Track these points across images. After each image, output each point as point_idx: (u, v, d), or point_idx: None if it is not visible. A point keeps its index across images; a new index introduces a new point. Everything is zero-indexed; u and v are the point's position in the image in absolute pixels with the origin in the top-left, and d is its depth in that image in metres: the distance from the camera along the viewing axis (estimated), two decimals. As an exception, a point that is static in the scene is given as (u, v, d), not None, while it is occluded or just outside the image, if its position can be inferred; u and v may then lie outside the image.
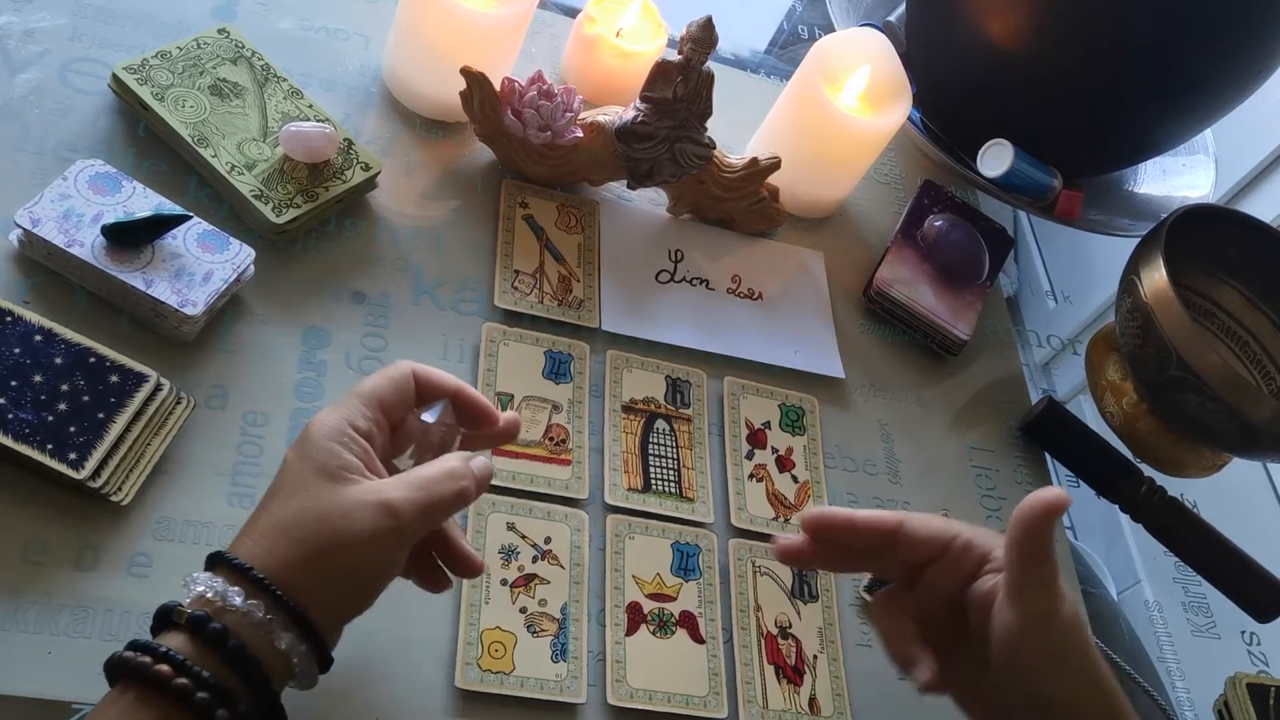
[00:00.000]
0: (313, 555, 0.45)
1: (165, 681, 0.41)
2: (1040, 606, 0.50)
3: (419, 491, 0.47)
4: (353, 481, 0.46)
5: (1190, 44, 0.81)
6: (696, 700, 0.62)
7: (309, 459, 0.47)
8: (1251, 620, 0.78)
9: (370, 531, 0.45)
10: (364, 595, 0.48)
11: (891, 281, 0.83)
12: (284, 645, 0.44)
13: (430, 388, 0.52)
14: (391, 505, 0.46)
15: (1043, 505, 0.48)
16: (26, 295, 0.60)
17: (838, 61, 0.82)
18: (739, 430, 0.74)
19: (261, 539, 0.45)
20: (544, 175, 0.78)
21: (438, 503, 0.48)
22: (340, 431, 0.47)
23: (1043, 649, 0.50)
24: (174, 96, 0.68)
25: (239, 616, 0.43)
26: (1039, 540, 0.49)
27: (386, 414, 0.50)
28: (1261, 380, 0.85)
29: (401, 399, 0.51)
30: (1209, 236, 0.83)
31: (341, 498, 0.46)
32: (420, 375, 0.52)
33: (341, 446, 0.47)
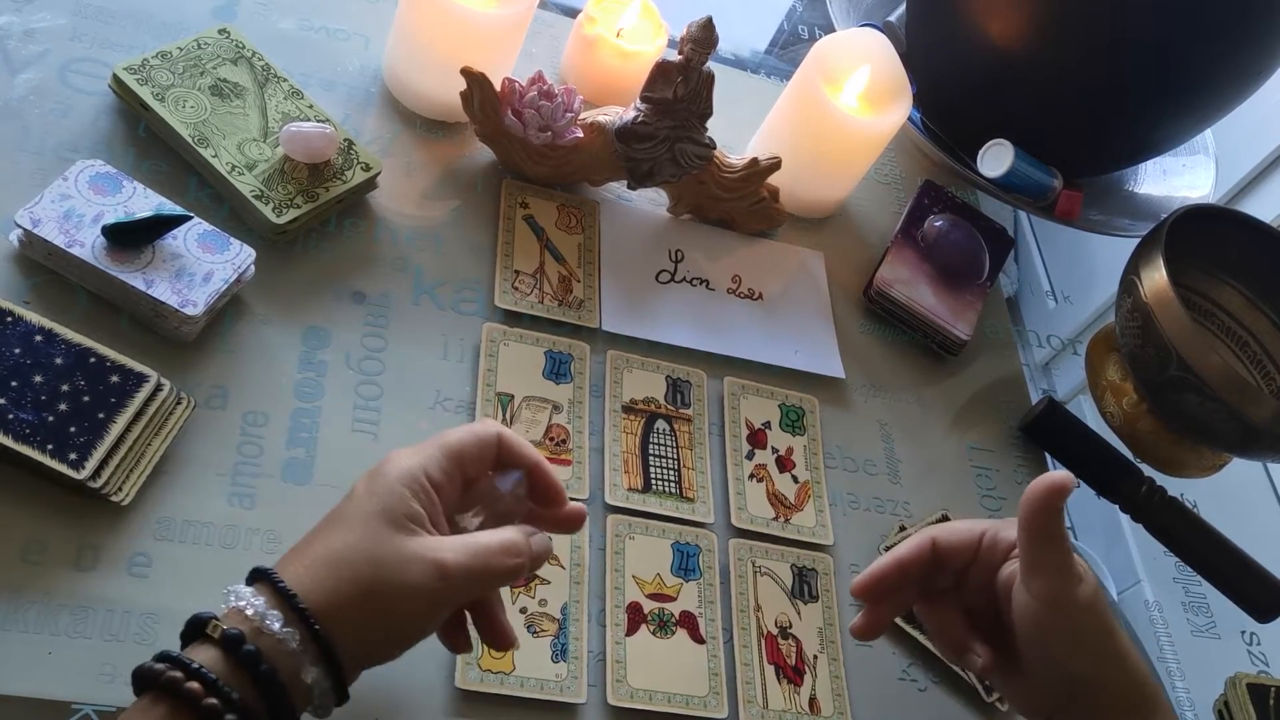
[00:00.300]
0: (357, 596, 0.45)
1: (196, 699, 0.41)
2: (1054, 587, 0.51)
3: (474, 559, 0.47)
4: (413, 533, 0.46)
5: (1190, 44, 0.81)
6: (696, 700, 0.62)
7: (376, 497, 0.47)
8: (1251, 620, 0.78)
9: (419, 587, 0.45)
10: (396, 645, 0.48)
11: (891, 281, 0.83)
12: (310, 679, 0.44)
13: (511, 455, 0.52)
14: (445, 566, 0.46)
15: (1047, 487, 0.50)
16: (27, 295, 0.60)
17: (838, 61, 0.82)
18: (739, 430, 0.74)
19: (311, 567, 0.45)
20: (544, 175, 0.78)
21: (490, 573, 0.48)
22: (414, 479, 0.47)
23: (1061, 630, 0.51)
24: (174, 97, 0.68)
25: (273, 641, 0.43)
26: (1047, 522, 0.50)
27: (462, 470, 0.50)
28: (1261, 380, 0.85)
29: (481, 458, 0.50)
30: (1209, 236, 0.83)
31: (400, 546, 0.46)
32: (505, 441, 0.51)
33: (412, 494, 0.47)
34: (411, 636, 0.48)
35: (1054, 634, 0.51)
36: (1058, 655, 0.52)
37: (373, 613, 0.45)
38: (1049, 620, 0.51)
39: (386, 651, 0.48)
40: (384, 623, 0.46)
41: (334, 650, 0.44)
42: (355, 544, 0.46)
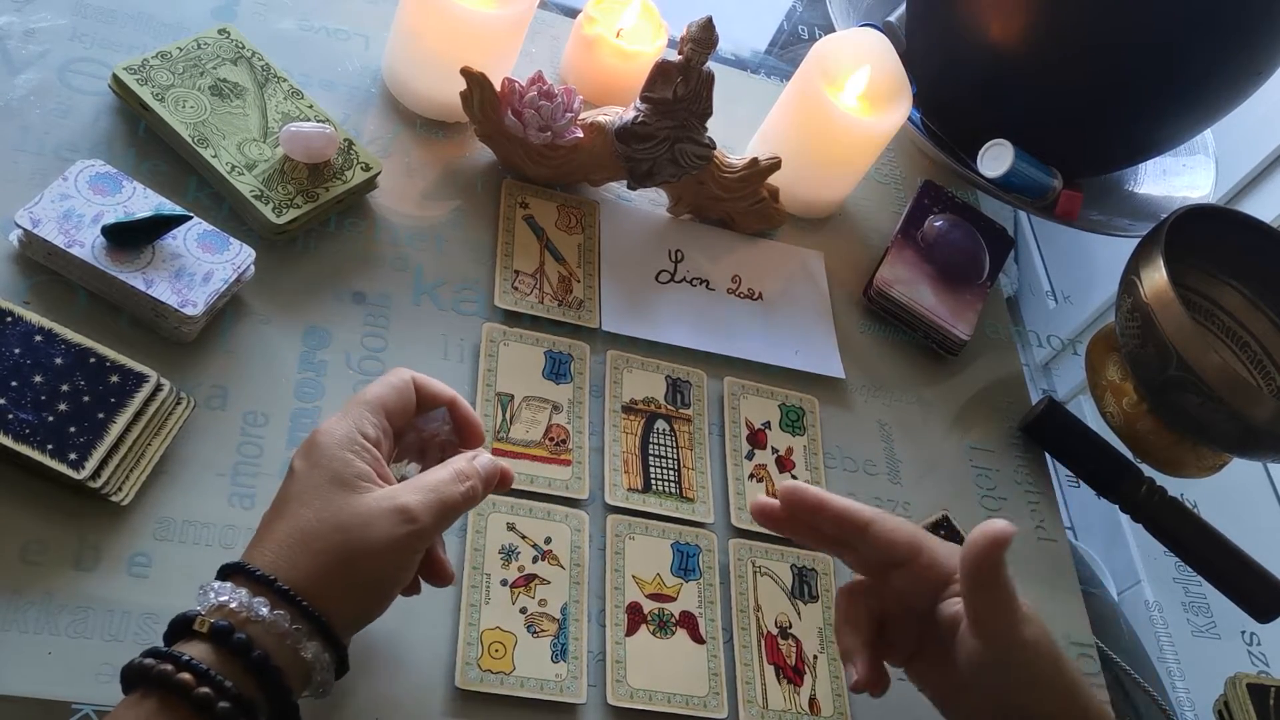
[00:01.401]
0: (334, 565, 0.45)
1: (188, 690, 0.41)
2: (1002, 634, 0.51)
3: (432, 495, 0.48)
4: (367, 490, 0.47)
5: (1190, 44, 0.81)
6: (696, 700, 0.62)
7: (321, 468, 0.47)
8: (1251, 620, 0.79)
9: (390, 538, 0.46)
10: (383, 600, 0.48)
11: (891, 281, 0.83)
12: (309, 655, 0.44)
13: (428, 396, 0.53)
14: (408, 510, 0.47)
15: (988, 540, 0.49)
16: (26, 295, 0.60)
17: (838, 61, 0.82)
18: (739, 430, 0.74)
19: (281, 550, 0.46)
20: (544, 175, 0.78)
21: (450, 504, 0.49)
22: (351, 440, 0.48)
23: (1011, 672, 0.51)
24: (174, 97, 0.68)
25: (264, 627, 0.43)
26: (990, 572, 0.50)
27: (390, 420, 0.51)
28: (1261, 380, 0.85)
29: (403, 406, 0.51)
30: (1209, 236, 0.83)
31: (359, 506, 0.46)
32: (419, 383, 0.52)
33: (354, 455, 0.48)
34: (395, 587, 0.48)
35: (1004, 675, 0.51)
36: (1008, 694, 0.51)
37: (353, 576, 0.46)
38: (998, 663, 0.51)
39: (375, 608, 0.48)
40: (366, 582, 0.47)
41: (327, 622, 0.45)
42: (317, 516, 0.46)
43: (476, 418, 0.55)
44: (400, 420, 0.52)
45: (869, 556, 0.56)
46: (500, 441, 0.66)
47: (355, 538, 0.46)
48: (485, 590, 0.61)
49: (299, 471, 0.48)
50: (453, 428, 0.55)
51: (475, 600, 0.60)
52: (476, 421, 0.55)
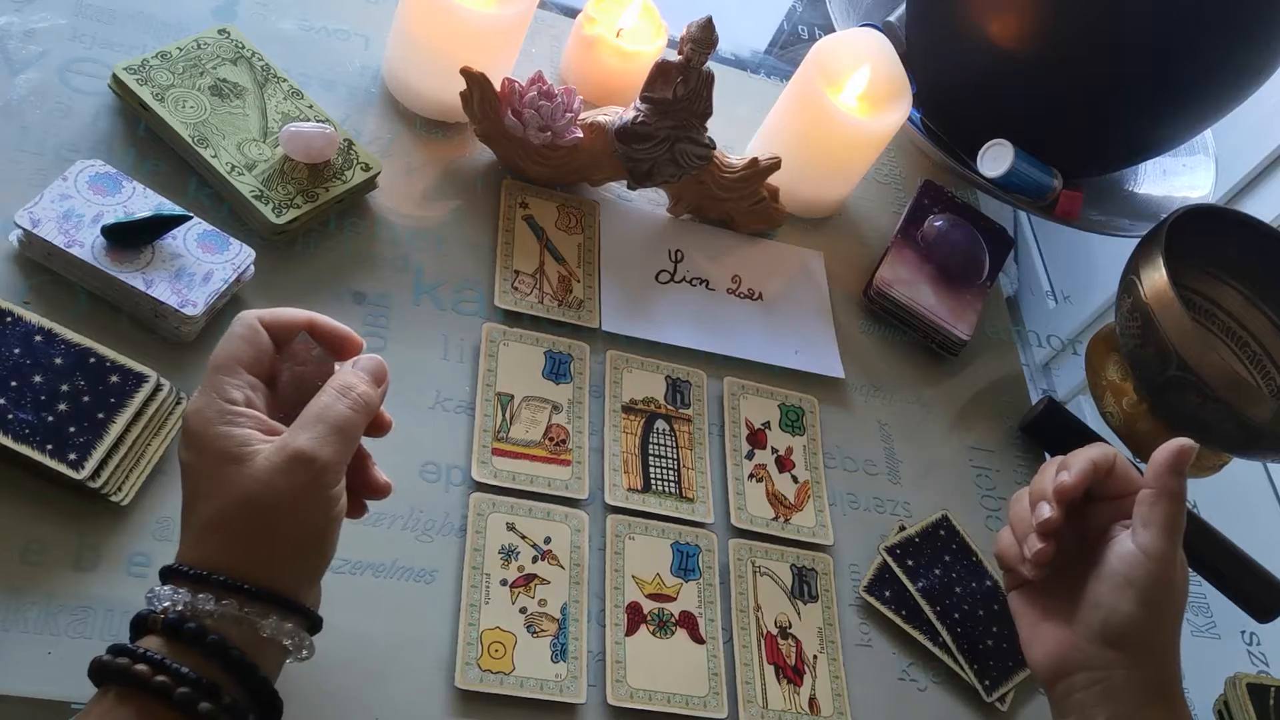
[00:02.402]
0: (257, 539, 0.45)
1: (145, 680, 0.42)
2: (1163, 545, 0.54)
3: (320, 424, 0.46)
4: (256, 452, 0.45)
5: (1190, 44, 0.81)
6: (696, 700, 0.62)
7: (206, 452, 0.45)
8: (1251, 620, 0.78)
9: (297, 487, 0.45)
10: (323, 545, 0.47)
11: (891, 281, 0.83)
12: (268, 633, 0.44)
13: (282, 329, 0.50)
14: (303, 453, 0.45)
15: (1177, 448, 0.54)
16: (26, 295, 0.60)
17: (838, 62, 0.82)
18: (739, 430, 0.74)
19: (201, 542, 0.45)
20: (544, 175, 0.78)
21: (343, 425, 0.47)
22: (220, 412, 0.46)
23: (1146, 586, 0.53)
24: (174, 97, 0.68)
25: (216, 619, 0.43)
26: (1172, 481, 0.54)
27: (252, 372, 0.48)
28: (1261, 380, 0.85)
29: (258, 352, 0.49)
30: (1209, 236, 0.83)
31: (256, 472, 0.44)
32: (267, 321, 0.49)
33: (230, 425, 0.46)
34: (328, 529, 0.47)
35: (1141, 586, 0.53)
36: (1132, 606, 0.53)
37: (282, 540, 0.45)
38: (1144, 572, 0.53)
39: (319, 556, 0.47)
40: (295, 537, 0.46)
41: (275, 592, 0.44)
42: (222, 500, 0.45)
43: (341, 326, 0.51)
44: (262, 367, 0.49)
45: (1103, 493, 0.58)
46: (500, 441, 0.66)
47: (266, 504, 0.44)
48: (485, 590, 0.61)
49: (187, 463, 0.46)
50: (319, 349, 0.51)
51: (475, 600, 0.60)
52: (342, 330, 0.51)
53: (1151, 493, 0.55)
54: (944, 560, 0.73)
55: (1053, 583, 0.58)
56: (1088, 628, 0.55)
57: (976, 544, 0.75)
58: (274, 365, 0.50)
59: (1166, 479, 0.54)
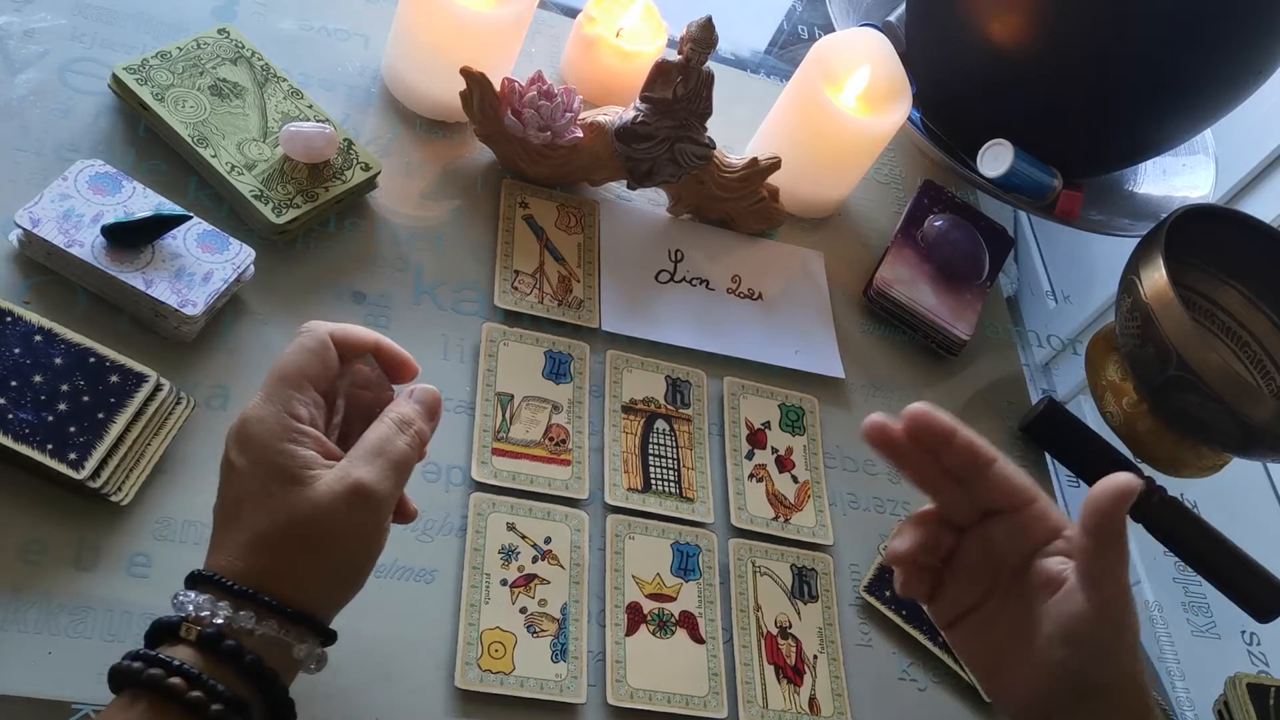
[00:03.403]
0: (305, 563, 0.45)
1: (180, 695, 0.41)
2: (1111, 599, 0.49)
3: (380, 458, 0.46)
4: (316, 476, 0.45)
5: (1190, 44, 0.81)
6: (696, 700, 0.62)
7: (263, 464, 0.45)
8: (1251, 620, 0.78)
9: (354, 519, 0.45)
10: (362, 574, 0.47)
11: (891, 281, 0.83)
12: (301, 655, 0.44)
13: (349, 346, 0.50)
14: (363, 486, 0.45)
15: (1116, 490, 0.48)
16: (26, 295, 0.60)
17: (838, 61, 0.82)
18: (739, 430, 0.74)
19: (248, 556, 0.44)
20: (544, 175, 0.78)
21: (401, 460, 0.47)
22: (286, 429, 0.46)
23: (1107, 637, 0.50)
24: (174, 97, 0.68)
25: (255, 640, 0.43)
26: (1113, 526, 0.48)
27: (315, 387, 0.48)
28: (1261, 380, 0.85)
29: (326, 369, 0.48)
30: (1209, 236, 0.83)
31: (315, 497, 0.44)
32: (337, 336, 0.49)
33: (292, 445, 0.45)
34: (371, 559, 0.47)
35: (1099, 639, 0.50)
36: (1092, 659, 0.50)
37: (326, 566, 0.45)
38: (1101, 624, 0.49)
39: (356, 584, 0.47)
40: (341, 567, 0.46)
41: (317, 621, 0.44)
42: (273, 519, 0.44)
43: (402, 351, 0.52)
44: (327, 385, 0.49)
45: (980, 497, 0.53)
46: (500, 441, 0.66)
47: (320, 531, 0.44)
48: (485, 590, 0.61)
49: (240, 468, 0.46)
50: (380, 373, 0.51)
51: (475, 600, 0.60)
52: (402, 354, 0.51)
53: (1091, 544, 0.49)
54: (944, 560, 0.73)
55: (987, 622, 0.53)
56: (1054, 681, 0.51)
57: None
58: (336, 383, 0.50)
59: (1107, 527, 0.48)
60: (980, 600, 0.53)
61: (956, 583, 0.54)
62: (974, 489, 0.53)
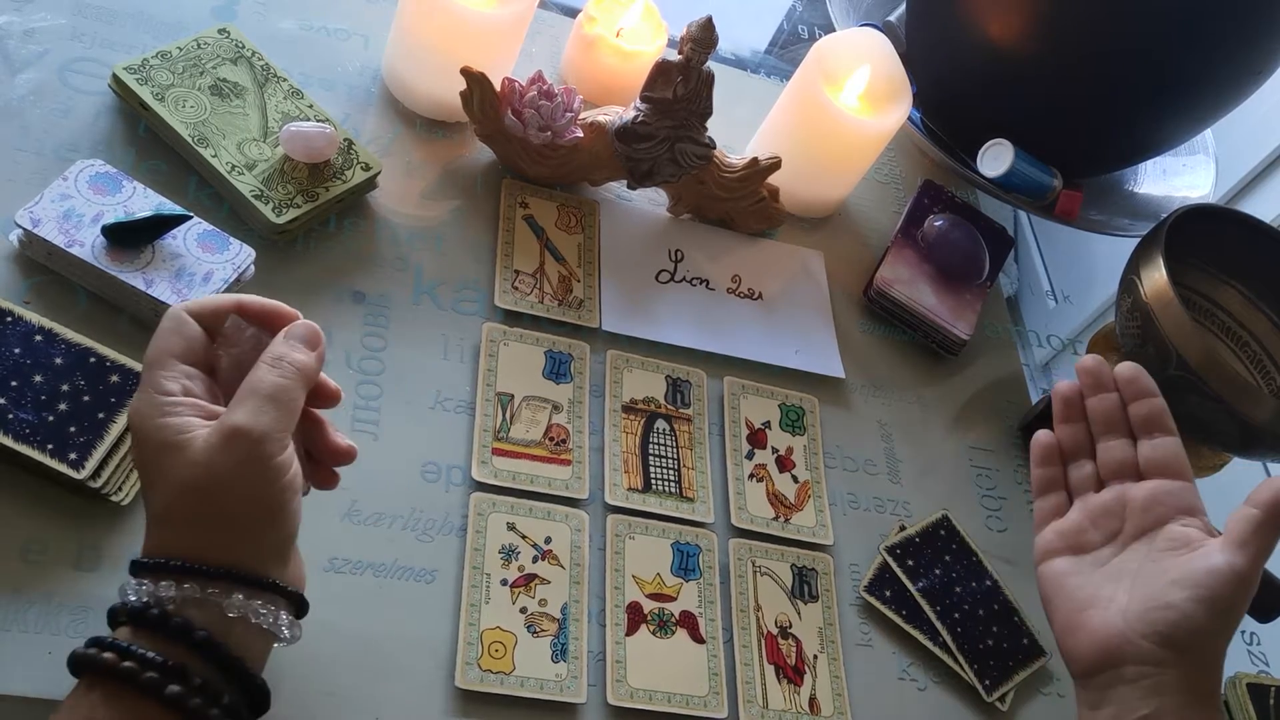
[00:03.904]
0: (208, 519, 0.45)
1: (111, 667, 0.42)
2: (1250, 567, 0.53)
3: (253, 397, 0.46)
4: (195, 437, 0.45)
5: (1190, 44, 0.81)
6: (696, 700, 0.62)
7: (148, 445, 0.45)
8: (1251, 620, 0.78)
9: (238, 462, 0.44)
10: (279, 517, 0.46)
11: (892, 281, 0.83)
12: (235, 612, 0.44)
13: (211, 316, 0.49)
14: (239, 427, 0.44)
15: None
16: (26, 295, 0.60)
17: (838, 61, 0.82)
18: (739, 430, 0.74)
19: (160, 533, 0.45)
20: (544, 175, 0.78)
21: (277, 393, 0.46)
22: (155, 406, 0.46)
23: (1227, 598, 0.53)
24: (174, 96, 0.68)
25: (180, 605, 0.44)
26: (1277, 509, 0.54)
27: (188, 362, 0.48)
28: (1261, 380, 0.85)
29: (189, 342, 0.48)
30: (1209, 236, 0.83)
31: (194, 454, 0.44)
32: (194, 309, 0.49)
33: (166, 414, 0.45)
34: (279, 499, 0.46)
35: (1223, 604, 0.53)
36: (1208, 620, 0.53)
37: (231, 518, 0.45)
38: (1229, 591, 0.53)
39: (278, 529, 0.46)
40: (247, 514, 0.45)
41: (233, 569, 0.44)
42: (169, 487, 0.45)
43: (270, 302, 0.50)
44: (196, 356, 0.48)
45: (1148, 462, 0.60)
46: (500, 441, 0.66)
47: (208, 485, 0.44)
48: (485, 590, 0.61)
49: (136, 460, 0.47)
50: (255, 330, 0.50)
51: (475, 600, 0.60)
52: (271, 305, 0.50)
53: (1256, 515, 0.54)
54: (944, 560, 0.73)
55: (1093, 565, 0.58)
56: (1149, 625, 0.54)
57: (976, 544, 0.75)
58: (211, 353, 0.49)
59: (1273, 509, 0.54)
60: (1093, 543, 0.59)
61: (1080, 518, 0.60)
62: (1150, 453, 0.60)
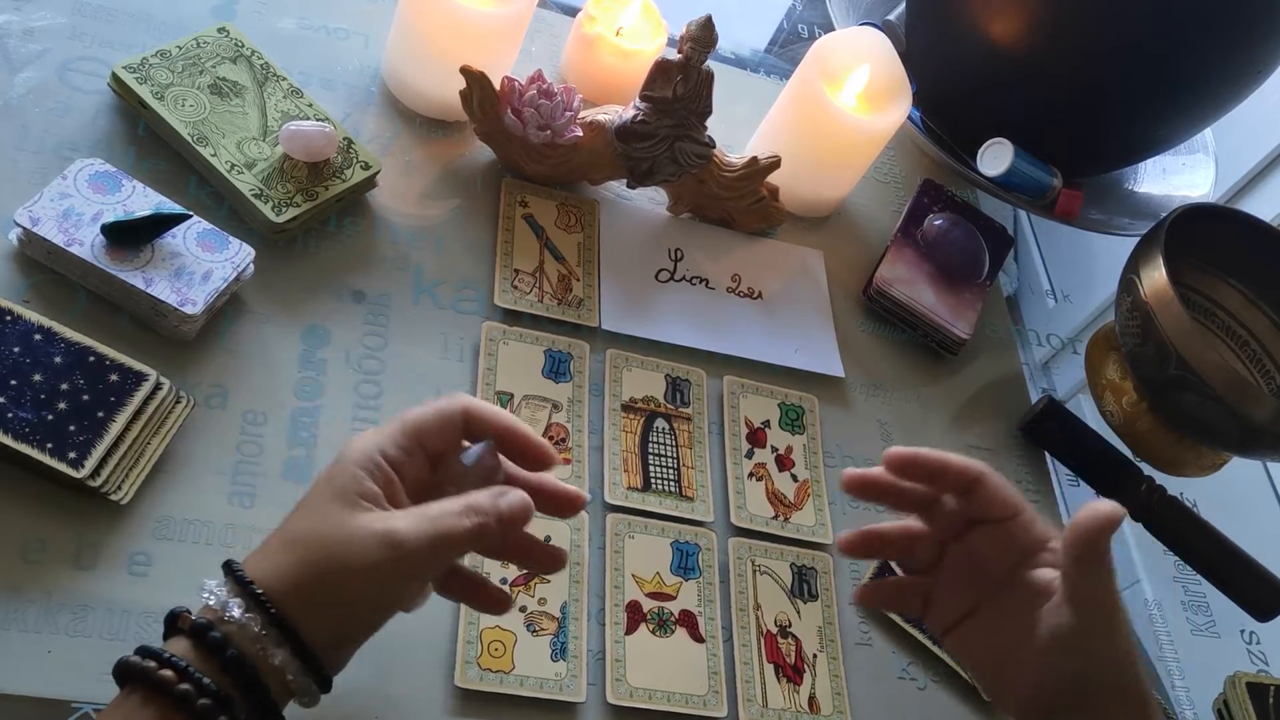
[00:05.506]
0: (311, 576, 0.45)
1: (169, 687, 0.42)
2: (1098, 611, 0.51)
3: (426, 524, 0.46)
4: (366, 510, 0.46)
5: (1190, 43, 0.81)
6: (696, 699, 0.62)
7: (333, 480, 0.46)
8: (1251, 619, 0.78)
9: (370, 562, 0.45)
10: (364, 623, 0.47)
11: (891, 280, 0.83)
12: (278, 661, 0.44)
13: (478, 425, 0.50)
14: (394, 536, 0.45)
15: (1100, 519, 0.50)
16: (26, 294, 0.60)
17: (838, 61, 0.82)
18: (739, 429, 0.74)
19: (271, 554, 0.45)
20: (544, 174, 0.78)
21: (447, 537, 0.46)
22: (369, 458, 0.47)
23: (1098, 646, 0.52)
24: (174, 95, 0.68)
25: (236, 628, 0.44)
26: (1095, 551, 0.50)
27: (425, 446, 0.49)
28: (1261, 380, 0.85)
29: (444, 433, 0.49)
30: (1209, 236, 0.83)
31: (350, 524, 0.45)
32: (473, 412, 0.50)
33: (367, 473, 0.46)
34: (377, 612, 0.47)
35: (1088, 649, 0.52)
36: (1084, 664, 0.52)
37: (329, 593, 0.45)
38: (1087, 636, 0.51)
39: (355, 629, 0.47)
40: (342, 601, 0.46)
41: (296, 631, 0.44)
42: (309, 526, 0.46)
43: (541, 442, 0.51)
44: (437, 446, 0.49)
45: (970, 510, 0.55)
46: (500, 440, 0.66)
47: (335, 554, 0.45)
48: (485, 589, 0.61)
49: (317, 480, 0.47)
50: (497, 463, 0.50)
51: (475, 599, 0.60)
52: (538, 445, 0.51)
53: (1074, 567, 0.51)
54: (944, 559, 0.73)
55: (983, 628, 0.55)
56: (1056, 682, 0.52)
57: (976, 543, 0.75)
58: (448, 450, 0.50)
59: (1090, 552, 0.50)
60: (973, 606, 0.56)
61: (947, 592, 0.57)
62: (965, 502, 0.55)
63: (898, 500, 0.57)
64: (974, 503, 0.55)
